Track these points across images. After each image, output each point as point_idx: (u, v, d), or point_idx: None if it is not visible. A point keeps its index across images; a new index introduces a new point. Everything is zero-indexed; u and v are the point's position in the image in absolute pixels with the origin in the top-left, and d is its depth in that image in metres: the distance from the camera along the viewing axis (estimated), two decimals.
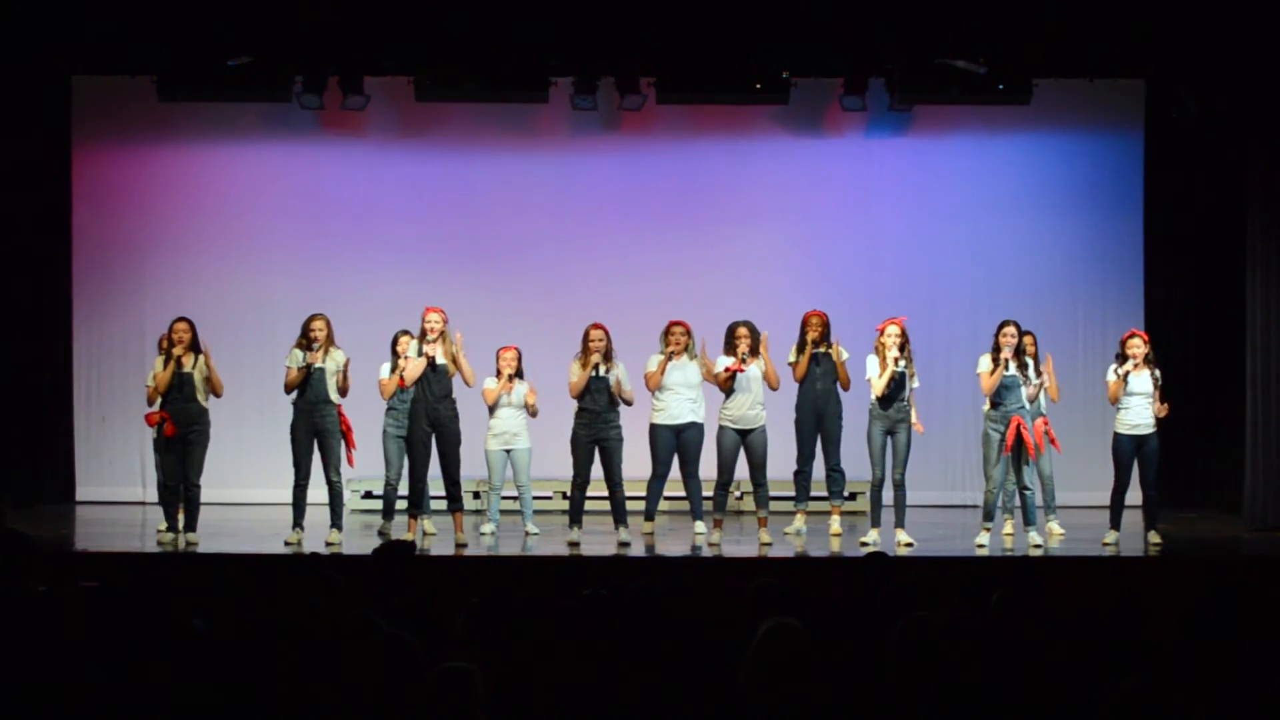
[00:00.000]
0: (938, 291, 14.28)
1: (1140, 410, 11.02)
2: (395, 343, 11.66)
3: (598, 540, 11.04)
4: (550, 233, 14.34)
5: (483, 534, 11.45)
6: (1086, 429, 13.85)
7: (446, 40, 12.72)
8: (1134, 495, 11.38)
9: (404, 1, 12.33)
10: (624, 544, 10.71)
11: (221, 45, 12.68)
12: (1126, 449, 11.08)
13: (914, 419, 11.16)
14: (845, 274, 14.28)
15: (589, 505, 11.15)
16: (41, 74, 13.36)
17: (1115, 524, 11.11)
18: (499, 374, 11.55)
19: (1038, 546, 10.70)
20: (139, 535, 11.61)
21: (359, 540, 11.62)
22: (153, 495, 12.01)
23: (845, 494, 12.01)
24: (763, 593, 6.14)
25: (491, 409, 11.61)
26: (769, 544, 10.83)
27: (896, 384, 10.89)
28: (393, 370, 11.43)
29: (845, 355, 11.45)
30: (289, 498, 10.96)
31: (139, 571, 9.67)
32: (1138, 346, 11.03)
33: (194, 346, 10.98)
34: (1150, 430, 11.05)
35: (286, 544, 10.65)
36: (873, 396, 10.95)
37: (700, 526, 11.11)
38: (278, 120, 14.08)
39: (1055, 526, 11.66)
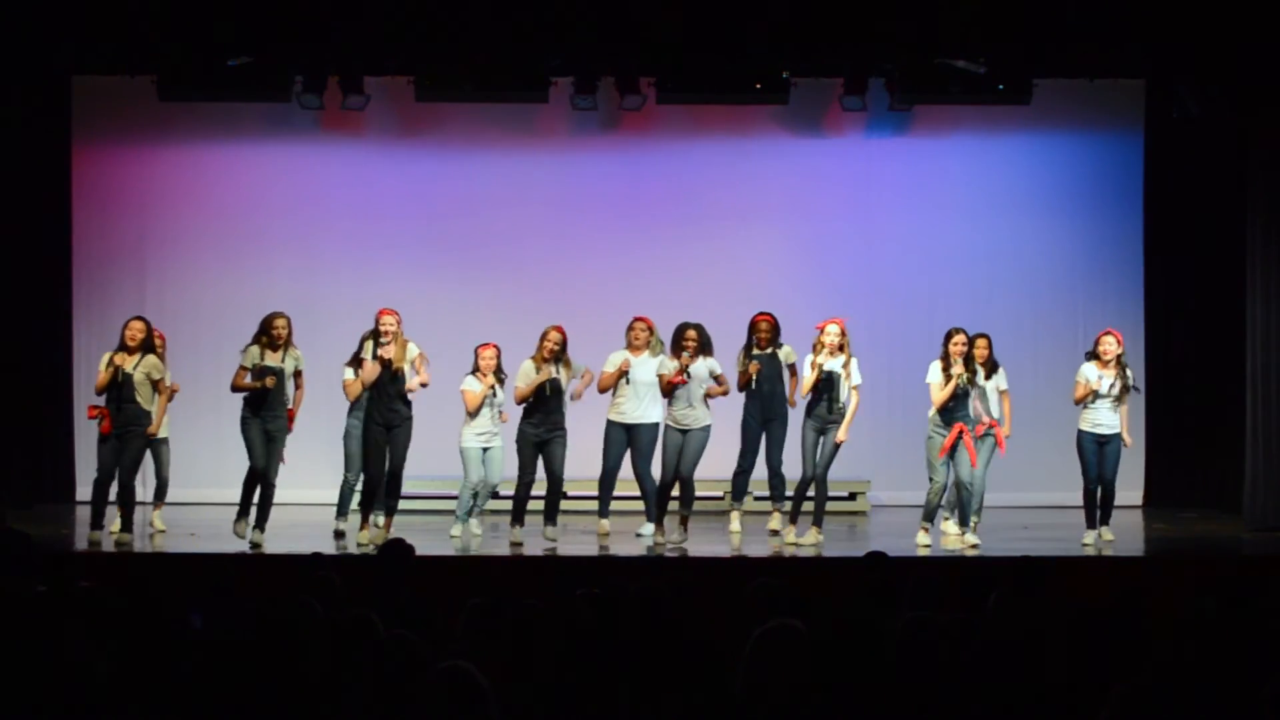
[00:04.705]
0: (937, 291, 14.27)
1: (1104, 411, 11.04)
2: (361, 345, 11.57)
3: (591, 540, 11.07)
4: (550, 232, 14.34)
5: (453, 535, 11.39)
6: None
7: (446, 40, 12.72)
8: (1128, 495, 11.37)
9: (404, 1, 12.33)
10: (552, 541, 10.80)
11: (221, 45, 12.68)
12: (1089, 446, 11.08)
13: (842, 428, 10.90)
14: (845, 274, 14.28)
15: (564, 504, 11.19)
16: (41, 74, 13.36)
17: (1091, 523, 11.12)
18: (478, 371, 11.44)
19: (975, 547, 10.75)
20: (139, 535, 11.60)
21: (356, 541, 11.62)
22: (151, 495, 12.00)
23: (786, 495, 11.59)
24: (763, 593, 6.14)
25: (474, 412, 11.51)
26: (684, 540, 10.86)
27: (826, 384, 10.85)
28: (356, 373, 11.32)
29: (793, 356, 11.37)
30: (286, 498, 10.96)
31: (139, 571, 9.67)
32: (1108, 346, 11.04)
33: (147, 346, 10.91)
34: (1113, 431, 11.06)
35: (240, 536, 10.69)
36: (799, 395, 10.94)
37: (648, 528, 11.10)
38: (278, 120, 14.08)
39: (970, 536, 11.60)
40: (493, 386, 11.31)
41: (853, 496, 13.59)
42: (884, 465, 13.77)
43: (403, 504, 11.44)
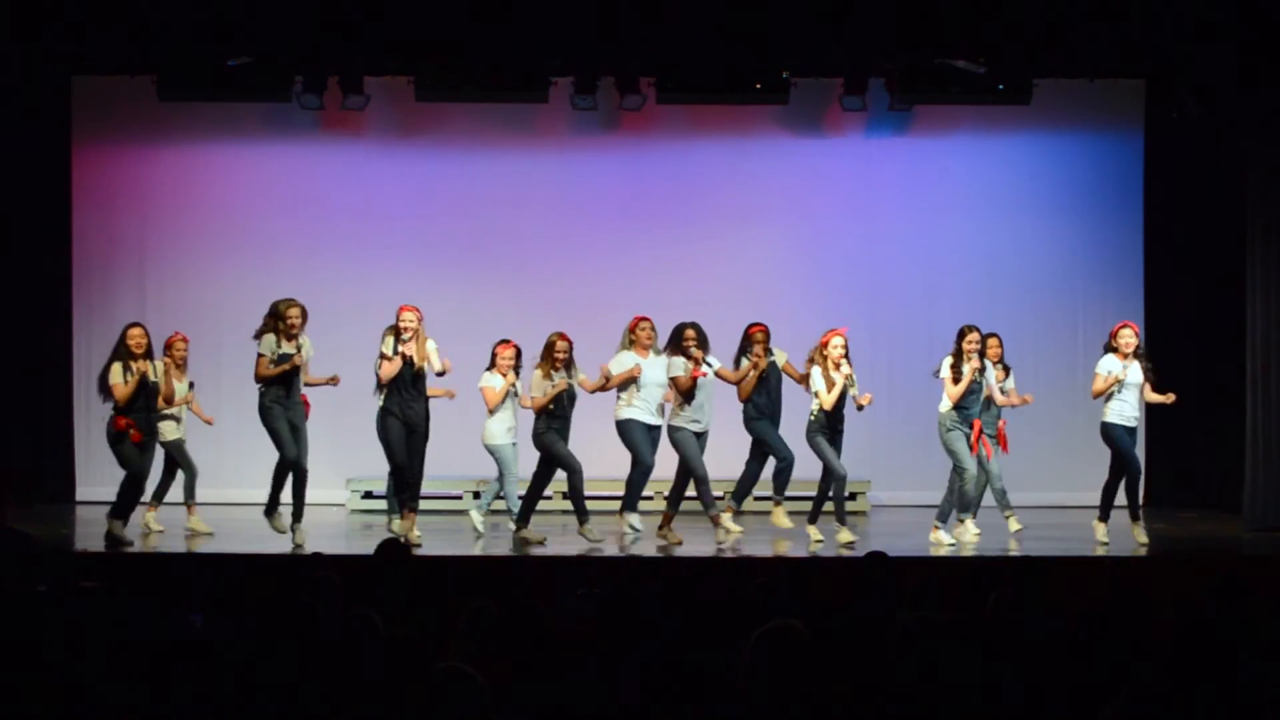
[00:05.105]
0: (937, 291, 14.28)
1: (1132, 403, 11.02)
2: (384, 341, 11.58)
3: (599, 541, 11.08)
4: (550, 232, 14.35)
5: (523, 537, 11.32)
6: (1086, 429, 13.80)
7: (446, 40, 12.73)
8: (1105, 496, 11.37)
9: (404, 1, 12.33)
10: (598, 540, 10.86)
11: (221, 45, 12.68)
12: (1123, 437, 11.02)
13: (862, 396, 11.04)
14: (845, 273, 14.29)
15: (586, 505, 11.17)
16: (41, 74, 13.36)
17: (1135, 516, 11.07)
18: (495, 368, 11.45)
19: (951, 545, 10.79)
20: (139, 535, 11.61)
21: (359, 540, 11.63)
22: (151, 495, 11.91)
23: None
24: (763, 593, 6.14)
25: (495, 408, 11.53)
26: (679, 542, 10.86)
27: (842, 395, 10.96)
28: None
29: (784, 356, 11.41)
30: (287, 498, 10.92)
31: (139, 571, 9.67)
32: (1128, 338, 11.02)
33: (149, 352, 10.90)
34: (1138, 423, 11.06)
35: (279, 532, 10.66)
36: (815, 408, 10.96)
37: (635, 520, 11.16)
38: (278, 120, 14.09)
39: (1014, 522, 11.60)
40: (513, 384, 11.38)
41: (853, 496, 13.57)
42: (884, 465, 13.78)
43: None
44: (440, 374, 10.96)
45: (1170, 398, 11.13)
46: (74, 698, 4.66)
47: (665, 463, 11.22)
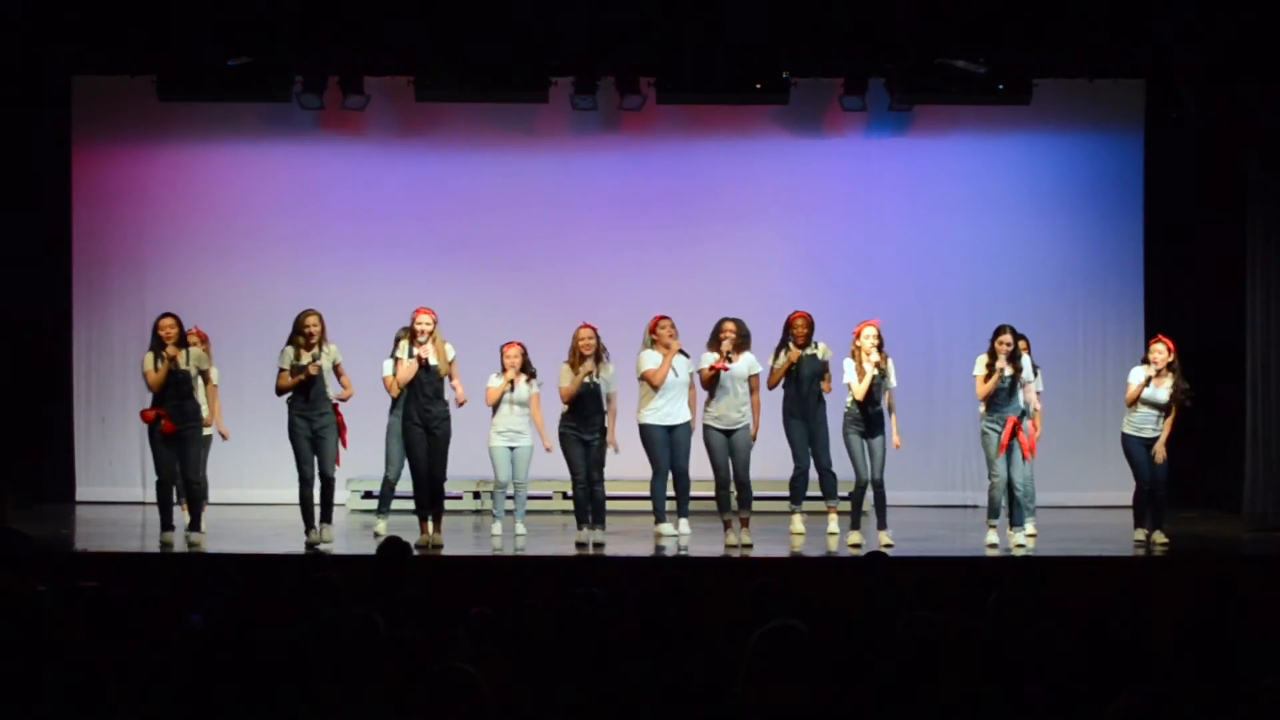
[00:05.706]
0: (938, 291, 14.27)
1: (1146, 415, 11.02)
2: (397, 343, 11.59)
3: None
4: (550, 232, 14.33)
5: (494, 535, 11.34)
6: (1086, 429, 13.86)
7: (446, 40, 12.73)
8: (1125, 496, 11.35)
9: (404, 1, 12.33)
10: (599, 545, 10.73)
11: (221, 45, 12.68)
12: (1136, 449, 11.05)
13: (894, 432, 11.14)
14: (845, 274, 14.27)
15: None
16: (41, 74, 13.36)
17: (1139, 523, 11.08)
18: (504, 370, 11.50)
19: (1020, 546, 10.71)
20: (139, 535, 11.61)
21: (359, 540, 11.62)
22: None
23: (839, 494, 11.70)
24: (763, 593, 6.14)
25: (494, 407, 11.53)
26: (749, 545, 10.70)
27: (875, 387, 10.92)
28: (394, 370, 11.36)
29: (829, 354, 11.42)
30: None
31: (139, 571, 9.66)
32: (1157, 352, 11.04)
33: (182, 340, 10.88)
34: (1155, 434, 11.05)
35: (309, 545, 10.60)
36: (849, 401, 10.96)
37: (685, 526, 11.07)
38: (278, 120, 14.08)
39: (1030, 527, 11.58)
40: (511, 381, 11.31)
41: (846, 496, 13.56)
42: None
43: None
44: (459, 404, 10.94)
45: (1161, 454, 11.08)
46: (74, 697, 4.66)
47: (700, 465, 11.19)
